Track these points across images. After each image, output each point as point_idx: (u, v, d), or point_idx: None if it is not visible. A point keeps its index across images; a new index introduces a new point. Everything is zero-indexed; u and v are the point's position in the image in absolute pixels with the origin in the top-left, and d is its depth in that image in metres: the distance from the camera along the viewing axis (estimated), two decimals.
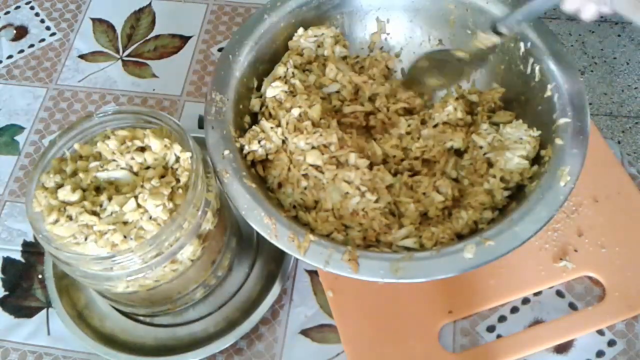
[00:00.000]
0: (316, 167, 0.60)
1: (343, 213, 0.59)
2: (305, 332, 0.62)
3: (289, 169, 0.61)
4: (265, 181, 0.62)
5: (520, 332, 0.60)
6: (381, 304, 0.62)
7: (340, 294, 0.62)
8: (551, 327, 0.60)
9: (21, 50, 0.84)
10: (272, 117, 0.64)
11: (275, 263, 0.64)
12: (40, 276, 0.67)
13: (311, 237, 0.54)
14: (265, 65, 0.68)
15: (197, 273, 0.58)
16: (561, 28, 1.65)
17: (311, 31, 0.68)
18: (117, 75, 0.81)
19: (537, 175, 0.58)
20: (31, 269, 0.68)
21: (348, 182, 0.59)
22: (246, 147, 0.61)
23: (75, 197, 0.52)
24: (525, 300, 0.62)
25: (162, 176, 0.53)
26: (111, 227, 0.50)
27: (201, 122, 0.75)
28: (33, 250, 0.69)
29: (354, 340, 0.60)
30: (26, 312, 0.65)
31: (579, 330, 0.60)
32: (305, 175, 0.60)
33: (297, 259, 0.57)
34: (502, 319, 0.61)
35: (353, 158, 0.61)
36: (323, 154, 0.61)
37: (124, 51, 0.83)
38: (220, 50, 0.82)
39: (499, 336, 0.61)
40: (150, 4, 0.87)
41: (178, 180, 0.53)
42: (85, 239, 0.50)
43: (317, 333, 0.62)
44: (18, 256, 0.69)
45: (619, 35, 1.63)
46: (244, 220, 0.56)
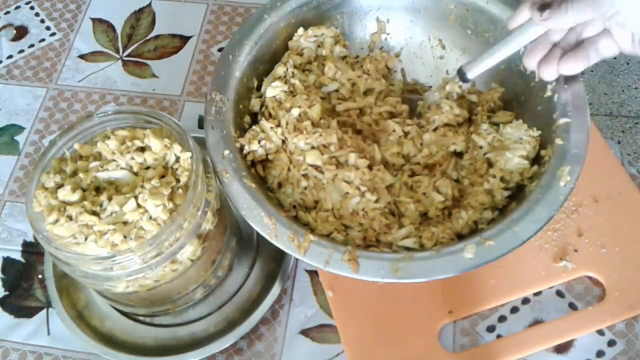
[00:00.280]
0: (316, 167, 0.60)
1: (343, 213, 0.59)
2: (305, 332, 0.62)
3: (289, 169, 0.61)
4: (265, 181, 0.62)
5: (520, 332, 0.60)
6: (381, 304, 0.62)
7: (340, 294, 0.62)
8: (551, 327, 0.60)
9: (21, 50, 0.84)
10: (272, 117, 0.64)
11: (275, 263, 0.64)
12: (40, 276, 0.67)
13: (311, 237, 0.54)
14: (265, 65, 0.68)
15: (197, 273, 0.58)
16: None
17: (311, 31, 0.68)
18: (117, 75, 0.81)
19: (537, 175, 0.58)
20: (31, 269, 0.68)
21: (348, 182, 0.59)
22: (246, 147, 0.61)
23: (75, 197, 0.52)
24: (525, 300, 0.62)
25: (162, 176, 0.53)
26: (111, 227, 0.50)
27: (201, 122, 0.76)
28: (33, 250, 0.69)
29: (354, 340, 0.60)
30: (26, 312, 0.65)
31: (579, 330, 0.60)
32: (305, 175, 0.60)
33: (297, 259, 0.57)
34: (502, 319, 0.61)
35: (353, 158, 0.61)
36: (323, 154, 0.61)
37: (124, 51, 0.83)
38: (220, 50, 0.82)
39: (499, 336, 0.61)
40: (150, 4, 0.87)
41: (178, 180, 0.53)
42: (85, 239, 0.50)
43: (317, 333, 0.62)
44: (18, 256, 0.69)
45: None
46: (244, 220, 0.56)
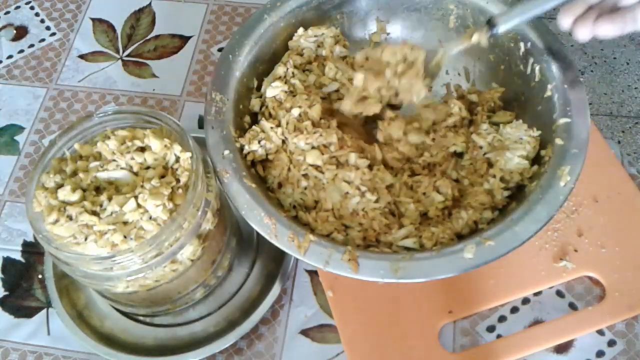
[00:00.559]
0: (316, 167, 0.60)
1: (343, 213, 0.59)
2: (305, 332, 0.62)
3: (289, 169, 0.61)
4: (265, 181, 0.62)
5: (520, 332, 0.60)
6: (381, 304, 0.62)
7: (340, 294, 0.62)
8: (551, 327, 0.60)
9: (21, 50, 0.84)
10: (272, 117, 0.64)
11: (275, 263, 0.64)
12: (40, 276, 0.67)
13: (311, 237, 0.54)
14: (265, 65, 0.68)
15: (197, 273, 0.58)
16: None
17: (311, 31, 0.68)
18: (117, 75, 0.81)
19: (537, 175, 0.58)
20: (31, 269, 0.68)
21: (348, 182, 0.59)
22: (246, 147, 0.61)
23: (75, 197, 0.52)
24: (525, 300, 0.62)
25: (162, 176, 0.53)
26: (111, 227, 0.50)
27: (201, 122, 0.75)
28: (33, 250, 0.69)
29: (354, 340, 0.60)
30: (26, 312, 0.65)
31: (579, 330, 0.60)
32: (305, 175, 0.60)
33: (297, 259, 0.57)
34: (502, 319, 0.61)
35: (353, 158, 0.61)
36: (323, 154, 0.61)
37: (124, 51, 0.83)
38: (220, 50, 0.82)
39: (499, 336, 0.61)
40: (150, 4, 0.87)
41: (178, 180, 0.53)
42: (85, 239, 0.50)
43: (317, 333, 0.62)
44: (18, 256, 0.69)
45: (619, 35, 1.63)
46: (244, 220, 0.56)
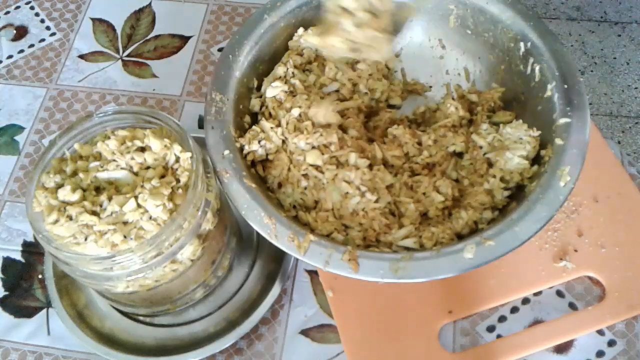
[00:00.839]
0: (316, 167, 0.60)
1: (343, 213, 0.59)
2: (305, 332, 0.62)
3: (289, 169, 0.61)
4: (265, 181, 0.62)
5: (520, 332, 0.60)
6: (381, 304, 0.62)
7: (340, 294, 0.62)
8: (551, 327, 0.60)
9: (21, 50, 0.84)
10: (272, 117, 0.64)
11: (275, 263, 0.64)
12: (40, 276, 0.67)
13: (311, 237, 0.54)
14: (265, 65, 0.68)
15: (197, 273, 0.58)
16: (561, 28, 1.65)
17: (311, 31, 0.68)
18: (117, 75, 0.81)
19: (537, 175, 0.58)
20: (31, 269, 0.68)
21: (348, 182, 0.59)
22: (246, 147, 0.61)
23: (75, 197, 0.52)
24: (525, 300, 0.62)
25: (162, 176, 0.53)
26: (111, 227, 0.50)
27: (201, 122, 0.75)
28: (33, 250, 0.69)
29: (354, 340, 0.60)
30: (26, 312, 0.65)
31: (579, 330, 0.60)
32: (305, 175, 0.60)
33: (297, 259, 0.57)
34: (502, 319, 0.61)
35: (353, 158, 0.61)
36: (323, 154, 0.61)
37: (124, 51, 0.83)
38: (220, 50, 0.82)
39: (499, 336, 0.61)
40: (150, 4, 0.87)
41: (178, 181, 0.53)
42: (85, 239, 0.50)
43: (317, 333, 0.62)
44: (18, 256, 0.69)
45: (619, 35, 1.63)
46: (244, 220, 0.56)
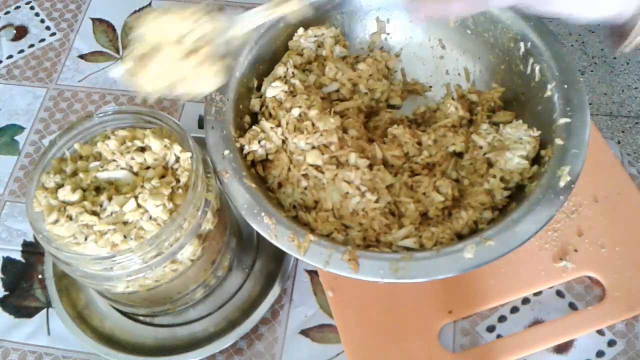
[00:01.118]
0: (316, 167, 0.60)
1: (343, 213, 0.59)
2: (305, 332, 0.62)
3: (289, 169, 0.61)
4: (265, 181, 0.62)
5: (520, 332, 0.60)
6: (381, 304, 0.62)
7: (340, 294, 0.62)
8: (551, 327, 0.60)
9: (21, 50, 0.84)
10: (272, 117, 0.64)
11: (275, 263, 0.64)
12: (40, 276, 0.67)
13: (311, 237, 0.54)
14: (265, 65, 0.68)
15: (197, 273, 0.58)
16: (561, 28, 1.65)
17: (311, 31, 0.68)
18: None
19: (537, 175, 0.58)
20: (31, 269, 0.68)
21: (348, 182, 0.59)
22: (246, 147, 0.61)
23: (75, 197, 0.52)
24: (525, 300, 0.62)
25: (162, 176, 0.53)
26: (111, 227, 0.50)
27: (201, 122, 0.75)
28: (33, 250, 0.69)
29: (354, 340, 0.60)
30: (26, 312, 0.65)
31: (579, 330, 0.60)
32: (305, 175, 0.60)
33: (297, 259, 0.57)
34: (502, 319, 0.61)
35: (353, 158, 0.61)
36: (323, 154, 0.61)
37: (124, 51, 0.83)
38: None
39: (499, 336, 0.61)
40: (150, 3, 0.87)
41: (178, 181, 0.53)
42: (85, 239, 0.50)
43: (317, 333, 0.62)
44: (18, 256, 0.69)
45: None
46: (244, 220, 0.56)
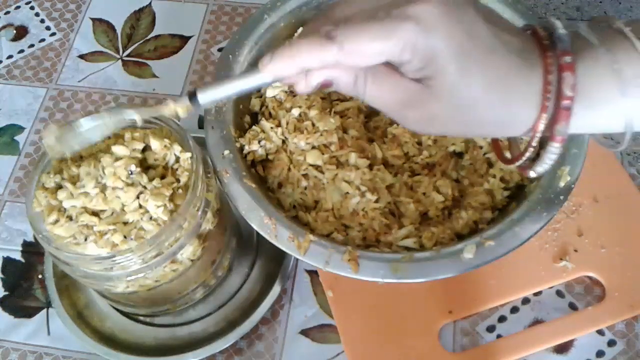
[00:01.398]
0: (316, 167, 0.60)
1: (343, 213, 0.59)
2: (305, 332, 0.62)
3: (289, 169, 0.61)
4: (265, 181, 0.62)
5: (520, 332, 0.60)
6: (381, 304, 0.62)
7: (340, 294, 0.62)
8: (551, 327, 0.60)
9: (21, 50, 0.84)
10: (272, 117, 0.64)
11: (275, 263, 0.64)
12: (40, 276, 0.67)
13: (311, 237, 0.54)
14: None
15: (197, 273, 0.58)
16: None
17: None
18: (117, 75, 0.81)
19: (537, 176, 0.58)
20: (31, 269, 0.68)
21: (348, 182, 0.59)
22: (246, 147, 0.61)
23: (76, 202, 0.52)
24: (525, 300, 0.62)
25: (162, 176, 0.53)
26: (111, 227, 0.50)
27: (201, 122, 0.75)
28: (33, 250, 0.69)
29: (354, 340, 0.60)
30: (26, 312, 0.65)
31: (579, 330, 0.60)
32: (305, 175, 0.60)
33: (297, 259, 0.57)
34: (502, 319, 0.61)
35: (353, 158, 0.61)
36: (323, 154, 0.61)
37: (124, 51, 0.83)
38: (220, 50, 0.82)
39: (499, 336, 0.61)
40: (150, 4, 0.87)
41: (178, 181, 0.53)
42: (85, 239, 0.50)
43: (317, 333, 0.62)
44: (18, 256, 0.69)
45: None
46: (244, 220, 0.56)
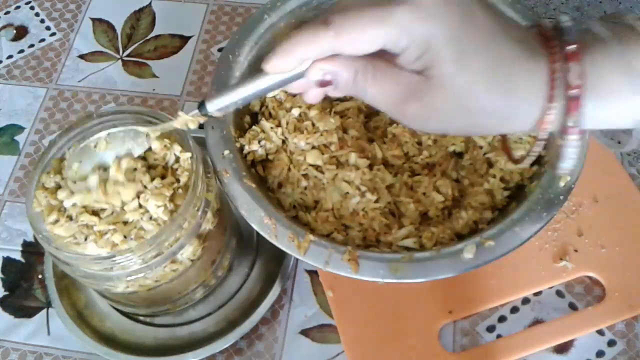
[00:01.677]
0: (316, 167, 0.60)
1: (343, 213, 0.59)
2: (305, 332, 0.62)
3: (289, 169, 0.61)
4: (265, 181, 0.62)
5: (520, 332, 0.60)
6: (381, 304, 0.62)
7: (340, 294, 0.62)
8: (551, 327, 0.60)
9: (21, 50, 0.84)
10: (272, 117, 0.64)
11: (275, 263, 0.64)
12: (40, 276, 0.67)
13: (311, 237, 0.54)
14: None
15: (197, 273, 0.58)
16: None
17: None
18: (117, 75, 0.81)
19: (537, 175, 0.58)
20: (31, 269, 0.68)
21: (348, 182, 0.59)
22: (246, 147, 0.61)
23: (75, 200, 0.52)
24: (525, 300, 0.62)
25: (162, 176, 0.53)
26: (111, 227, 0.50)
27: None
28: (33, 250, 0.69)
29: (354, 340, 0.60)
30: (26, 312, 0.65)
31: (579, 330, 0.60)
32: (306, 175, 0.60)
33: (297, 259, 0.57)
34: (502, 319, 0.61)
35: (353, 158, 0.61)
36: (323, 154, 0.61)
37: (124, 51, 0.83)
38: (220, 50, 0.82)
39: (499, 336, 0.61)
40: (150, 4, 0.87)
41: (178, 181, 0.53)
42: (85, 239, 0.50)
43: (317, 333, 0.62)
44: (18, 256, 0.69)
45: None
46: (244, 220, 0.56)
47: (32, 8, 0.88)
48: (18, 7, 0.88)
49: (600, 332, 0.60)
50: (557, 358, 0.59)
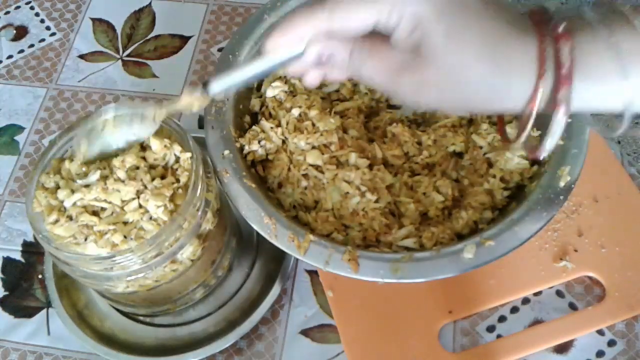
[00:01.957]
0: (316, 167, 0.60)
1: (343, 213, 0.59)
2: (305, 332, 0.62)
3: (289, 169, 0.61)
4: (265, 181, 0.62)
5: (520, 332, 0.60)
6: (381, 304, 0.62)
7: (340, 294, 0.62)
8: (551, 327, 0.60)
9: (21, 50, 0.84)
10: (272, 117, 0.64)
11: (275, 263, 0.64)
12: (40, 276, 0.67)
13: (311, 237, 0.54)
14: None
15: (197, 273, 0.58)
16: None
17: None
18: (117, 75, 0.81)
19: (537, 175, 0.58)
20: (31, 269, 0.68)
21: (348, 182, 0.59)
22: (246, 147, 0.61)
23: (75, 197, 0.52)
24: (525, 300, 0.62)
25: (162, 176, 0.53)
26: (111, 227, 0.50)
27: (201, 122, 0.75)
28: (33, 250, 0.69)
29: (354, 340, 0.60)
30: (26, 312, 0.65)
31: (579, 330, 0.60)
32: (305, 175, 0.60)
33: (297, 259, 0.57)
34: (502, 319, 0.61)
35: (353, 158, 0.61)
36: (323, 154, 0.61)
37: (124, 51, 0.83)
38: (220, 50, 0.82)
39: (499, 336, 0.61)
40: (150, 4, 0.87)
41: (178, 181, 0.53)
42: (85, 239, 0.50)
43: (317, 333, 0.62)
44: (18, 256, 0.69)
45: None
46: (244, 220, 0.56)
47: (32, 8, 0.88)
48: (18, 7, 0.88)
49: (600, 332, 0.60)
50: (557, 358, 0.59)
